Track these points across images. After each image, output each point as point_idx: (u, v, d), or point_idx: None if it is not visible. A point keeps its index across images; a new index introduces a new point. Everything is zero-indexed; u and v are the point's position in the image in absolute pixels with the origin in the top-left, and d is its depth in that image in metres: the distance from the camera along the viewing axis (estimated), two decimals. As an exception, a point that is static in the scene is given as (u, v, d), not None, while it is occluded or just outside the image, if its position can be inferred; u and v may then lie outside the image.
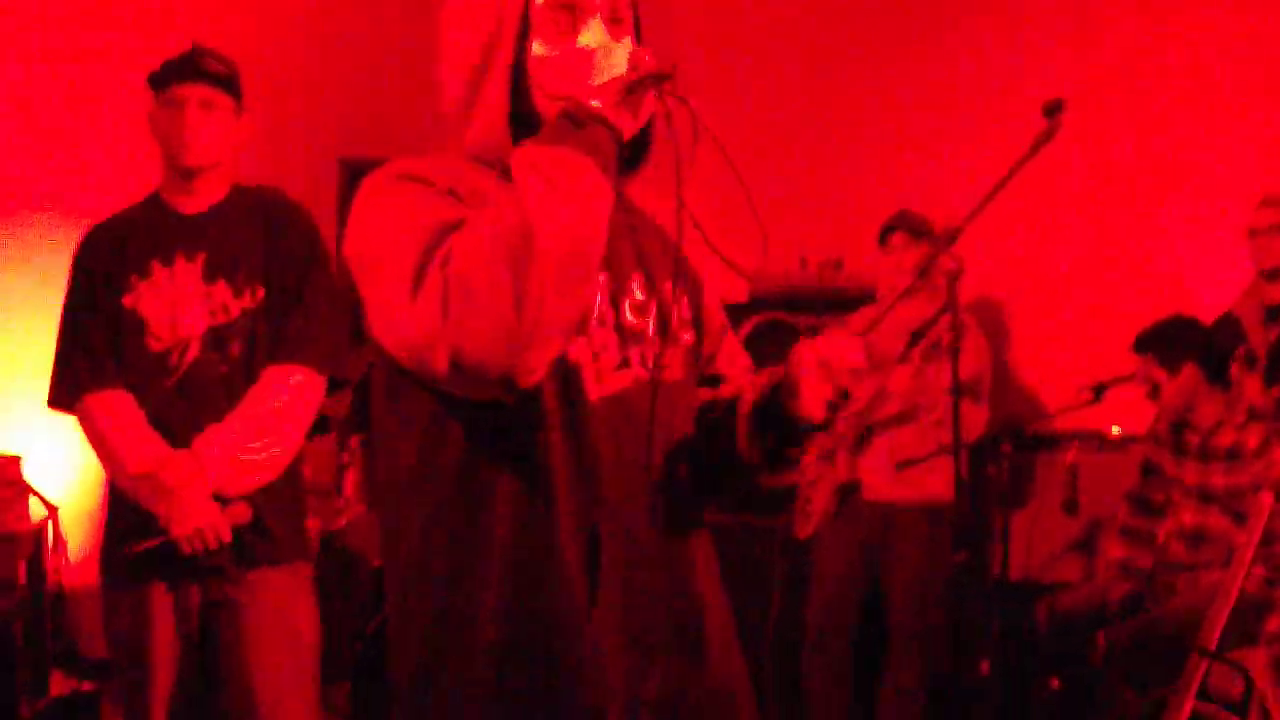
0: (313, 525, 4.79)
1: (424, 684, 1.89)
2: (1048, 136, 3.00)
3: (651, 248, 2.01)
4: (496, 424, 1.81)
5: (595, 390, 1.86)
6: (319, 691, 3.45)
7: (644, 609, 1.89)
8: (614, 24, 1.89)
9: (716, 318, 2.14)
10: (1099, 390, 4.41)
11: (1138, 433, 4.90)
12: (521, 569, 1.82)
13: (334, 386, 3.44)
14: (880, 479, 4.83)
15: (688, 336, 2.02)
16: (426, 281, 1.65)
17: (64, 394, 3.31)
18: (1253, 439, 4.17)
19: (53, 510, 4.51)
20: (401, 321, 1.69)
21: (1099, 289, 5.59)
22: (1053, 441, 5.13)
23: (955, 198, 3.43)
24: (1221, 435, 4.37)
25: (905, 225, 4.89)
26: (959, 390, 3.40)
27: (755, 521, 5.07)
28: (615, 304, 1.92)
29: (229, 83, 3.34)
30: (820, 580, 5.00)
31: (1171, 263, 5.39)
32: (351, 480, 4.97)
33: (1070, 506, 4.90)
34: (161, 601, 3.26)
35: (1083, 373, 4.59)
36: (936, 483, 4.70)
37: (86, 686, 4.78)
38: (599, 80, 1.77)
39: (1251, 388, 4.46)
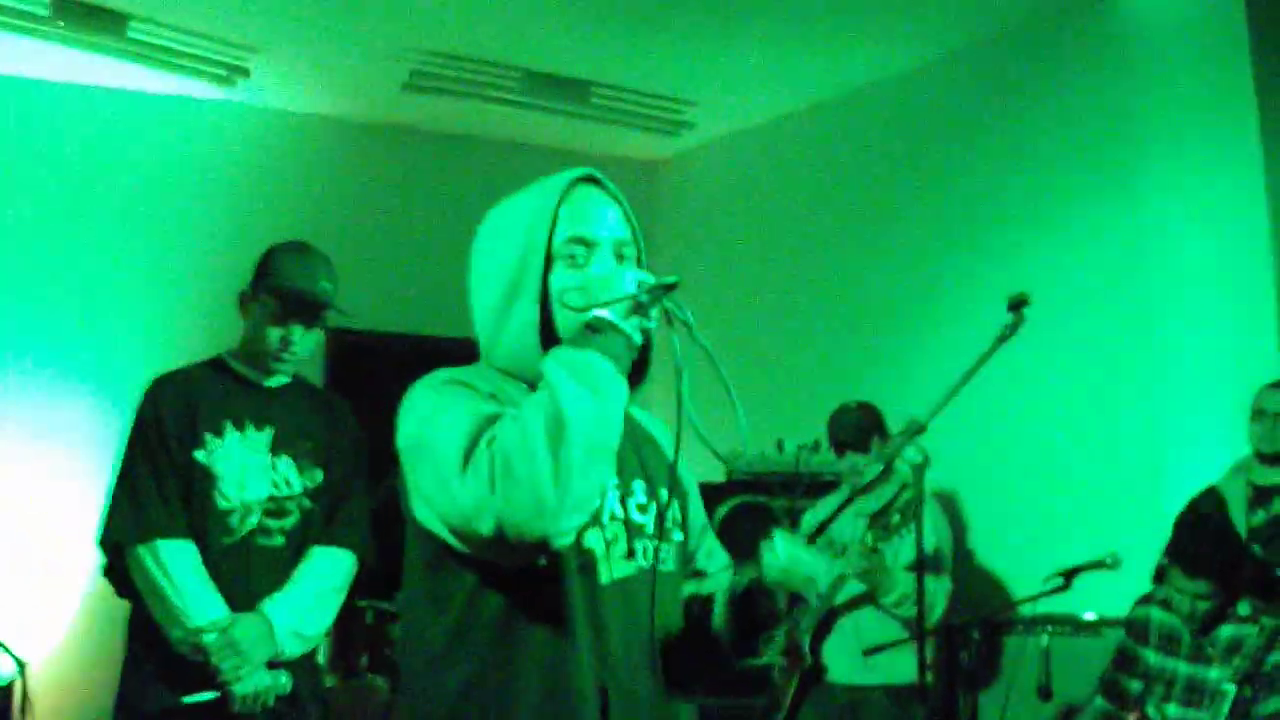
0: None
1: None
2: (1012, 329, 3.11)
3: (651, 457, 2.32)
4: (530, 595, 2.06)
5: (607, 574, 2.13)
6: None
7: None
8: (619, 259, 2.18)
9: (699, 519, 2.45)
10: (1069, 576, 4.42)
11: (1112, 616, 4.90)
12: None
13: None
14: (846, 662, 4.84)
15: (679, 535, 2.31)
16: (476, 459, 1.91)
17: (129, 534, 3.35)
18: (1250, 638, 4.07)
19: (22, 667, 4.49)
20: (453, 494, 1.93)
21: (1065, 471, 5.66)
22: (1025, 626, 5.14)
23: (929, 381, 3.52)
24: (1221, 626, 4.28)
25: (851, 442, 4.99)
26: (922, 575, 3.44)
27: (732, 703, 5.06)
28: (624, 504, 2.20)
29: (328, 314, 3.55)
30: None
31: (1142, 442, 5.45)
32: (324, 651, 4.95)
33: (1043, 692, 4.88)
34: None
35: (1056, 555, 4.61)
36: (904, 665, 4.67)
37: None
38: (612, 297, 2.04)
39: None
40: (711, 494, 5.80)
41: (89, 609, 5.60)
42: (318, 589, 3.44)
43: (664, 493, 2.25)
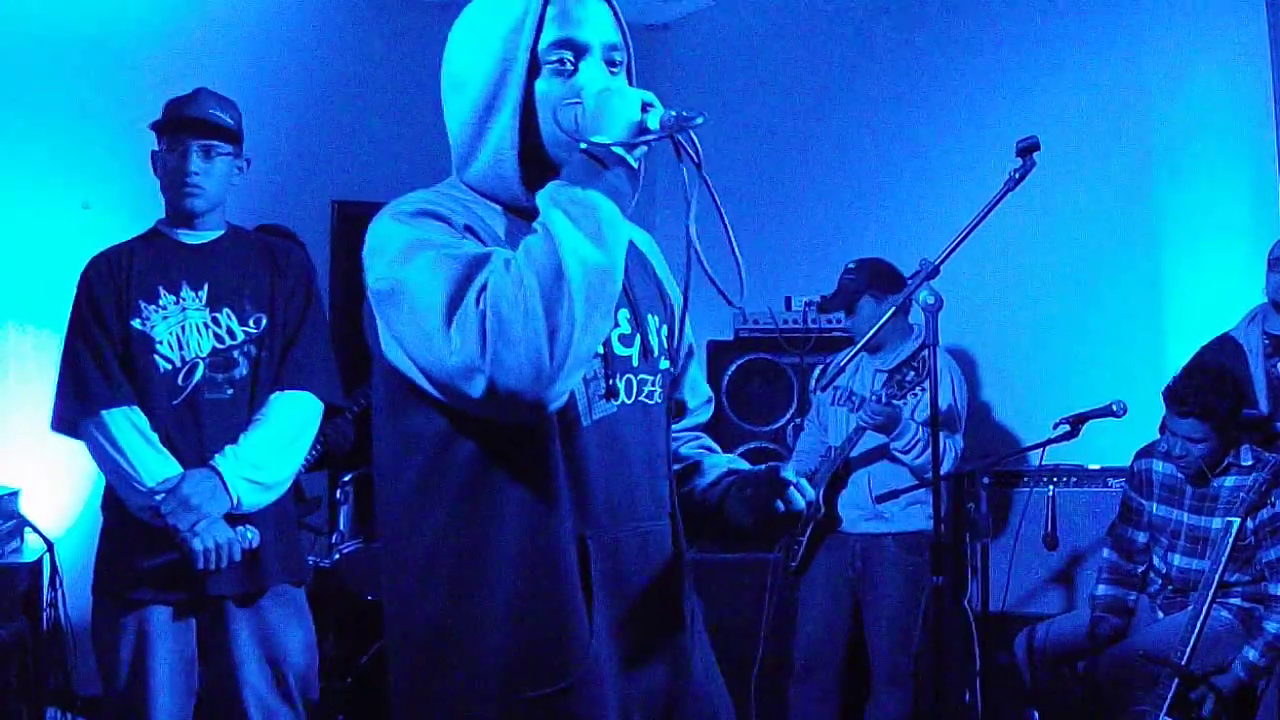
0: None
1: (426, 692, 1.97)
2: (1022, 174, 3.13)
3: (637, 280, 2.14)
4: (504, 443, 1.92)
5: (587, 415, 1.99)
6: (305, 709, 3.54)
7: (631, 620, 2.02)
8: (610, 65, 1.98)
9: (686, 341, 2.29)
10: (1076, 423, 4.46)
11: (1117, 466, 4.98)
12: (528, 577, 1.93)
13: (329, 414, 3.61)
14: (859, 512, 4.93)
15: (665, 364, 2.16)
16: (464, 315, 1.75)
17: (76, 412, 3.38)
18: (1255, 480, 4.12)
19: (50, 545, 4.56)
20: (438, 351, 1.78)
21: (1071, 322, 5.70)
22: (1031, 476, 5.21)
23: (937, 235, 3.54)
24: (1225, 478, 4.40)
25: (868, 289, 5.01)
26: (937, 421, 3.48)
27: (743, 555, 5.15)
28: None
29: (233, 131, 3.50)
30: (805, 614, 5.08)
31: (1146, 297, 5.48)
32: (345, 517, 5.02)
33: (1050, 540, 4.96)
34: (162, 624, 3.35)
35: (1059, 408, 4.65)
36: (914, 514, 4.82)
37: (82, 723, 4.81)
38: (617, 125, 1.85)
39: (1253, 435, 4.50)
40: (720, 352, 5.88)
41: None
42: (270, 434, 3.40)
43: (651, 319, 2.13)
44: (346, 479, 5.07)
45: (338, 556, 4.91)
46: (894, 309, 3.83)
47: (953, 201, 5.00)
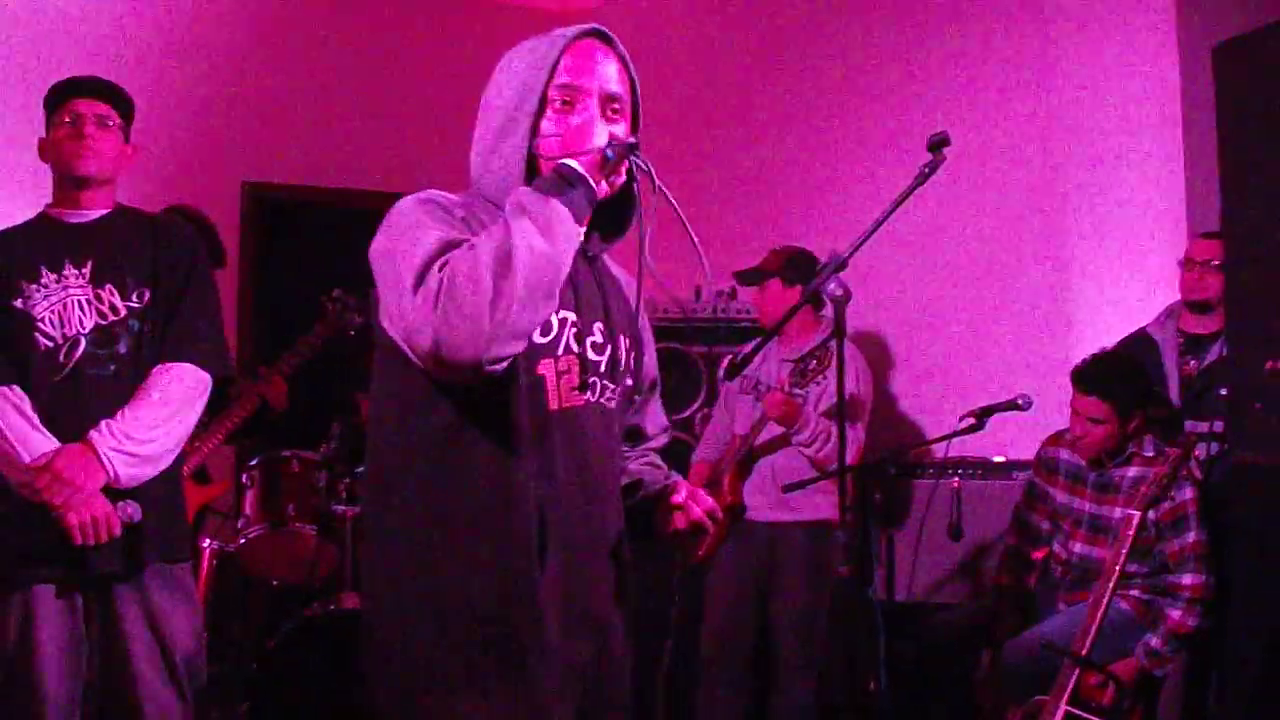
0: (212, 546, 4.84)
1: (403, 629, 2.26)
2: (932, 169, 3.16)
3: (616, 306, 2.47)
4: (478, 410, 2.23)
5: (555, 402, 2.31)
6: (193, 693, 3.50)
7: (576, 584, 2.31)
8: (610, 112, 2.33)
9: (650, 375, 2.65)
10: (982, 416, 4.52)
11: (1021, 459, 5.05)
12: (489, 529, 2.23)
13: (221, 385, 3.59)
14: (764, 501, 4.96)
15: (629, 381, 2.50)
16: (427, 279, 2.05)
17: None
18: (1155, 471, 4.14)
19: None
20: (403, 311, 2.07)
21: (980, 317, 5.77)
22: (936, 467, 5.27)
23: (846, 229, 3.57)
24: (1128, 468, 4.46)
25: (779, 272, 5.04)
26: (844, 412, 3.51)
27: (653, 544, 5.16)
28: (580, 341, 2.35)
29: (125, 104, 3.52)
30: (714, 603, 5.11)
31: (1053, 290, 5.56)
32: (251, 501, 4.97)
33: (954, 532, 5.02)
34: (47, 603, 3.32)
35: (966, 401, 4.70)
36: (820, 503, 4.85)
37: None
38: (582, 149, 2.22)
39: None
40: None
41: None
42: (149, 407, 3.36)
43: (623, 339, 2.44)
44: (253, 463, 5.03)
45: (243, 541, 4.87)
46: (801, 299, 3.89)
47: (867, 195, 5.05)
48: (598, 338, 2.39)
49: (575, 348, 2.33)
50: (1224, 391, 4.46)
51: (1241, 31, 3.47)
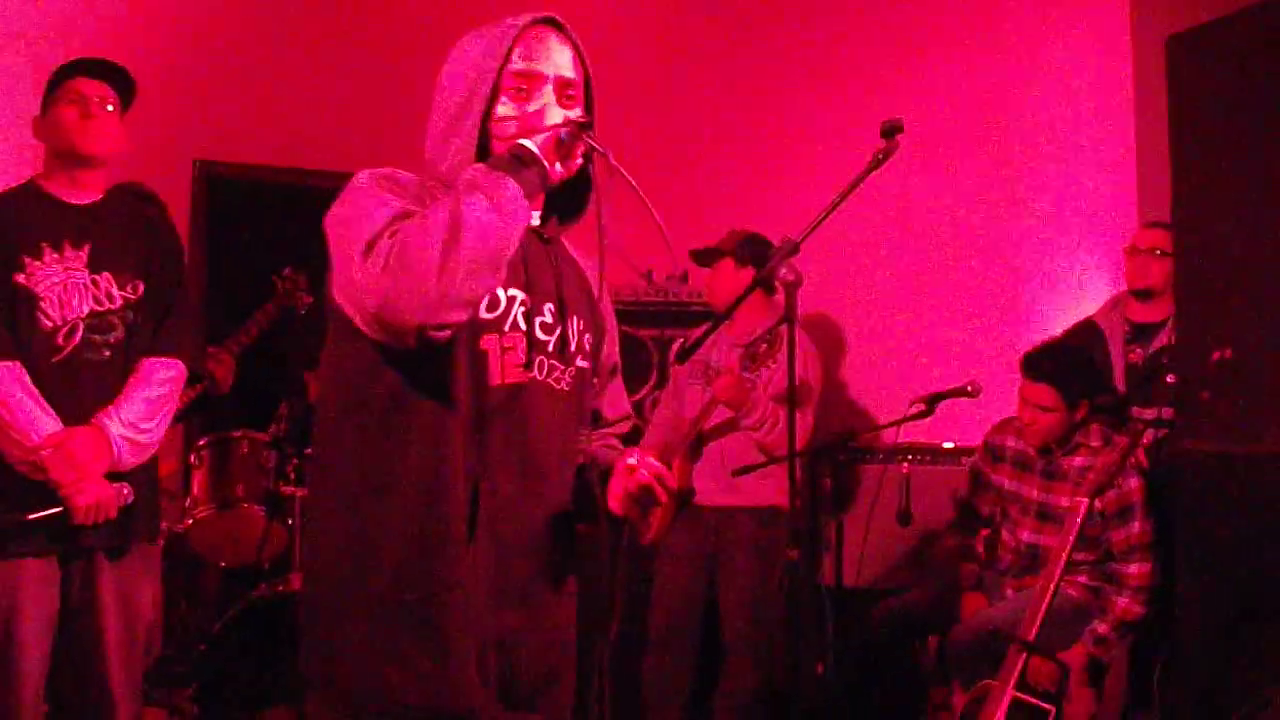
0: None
1: (332, 595, 2.31)
2: (885, 155, 3.17)
3: (571, 288, 2.49)
4: (419, 382, 2.27)
5: (497, 377, 2.32)
6: (143, 670, 3.65)
7: (506, 556, 2.34)
8: (565, 98, 2.37)
9: (609, 360, 2.64)
10: (932, 402, 4.55)
11: (970, 445, 5.08)
12: (421, 501, 2.26)
13: (191, 380, 3.77)
14: (713, 485, 4.96)
15: (583, 363, 2.49)
16: (378, 246, 2.10)
17: None
18: (1102, 460, 4.17)
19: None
20: (353, 274, 2.11)
21: (930, 304, 5.80)
22: (886, 453, 5.30)
23: (797, 214, 3.58)
24: (1075, 457, 4.50)
25: (732, 252, 5.05)
26: (794, 396, 3.52)
27: (599, 528, 5.15)
28: (529, 319, 2.37)
29: (128, 86, 3.62)
30: (661, 587, 5.11)
31: (1002, 279, 5.60)
32: (199, 481, 4.93)
33: (903, 518, 5.04)
34: (32, 576, 3.39)
35: (915, 387, 4.73)
36: (768, 488, 4.82)
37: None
38: (537, 130, 2.27)
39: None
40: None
41: None
42: (148, 397, 3.51)
43: (576, 321, 2.46)
44: (202, 443, 4.99)
45: (191, 521, 4.83)
46: (753, 283, 3.90)
47: (816, 178, 5.05)
48: (547, 318, 2.41)
49: (522, 325, 2.35)
50: (1171, 379, 4.51)
51: (1196, 24, 3.50)
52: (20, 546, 3.38)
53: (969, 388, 4.51)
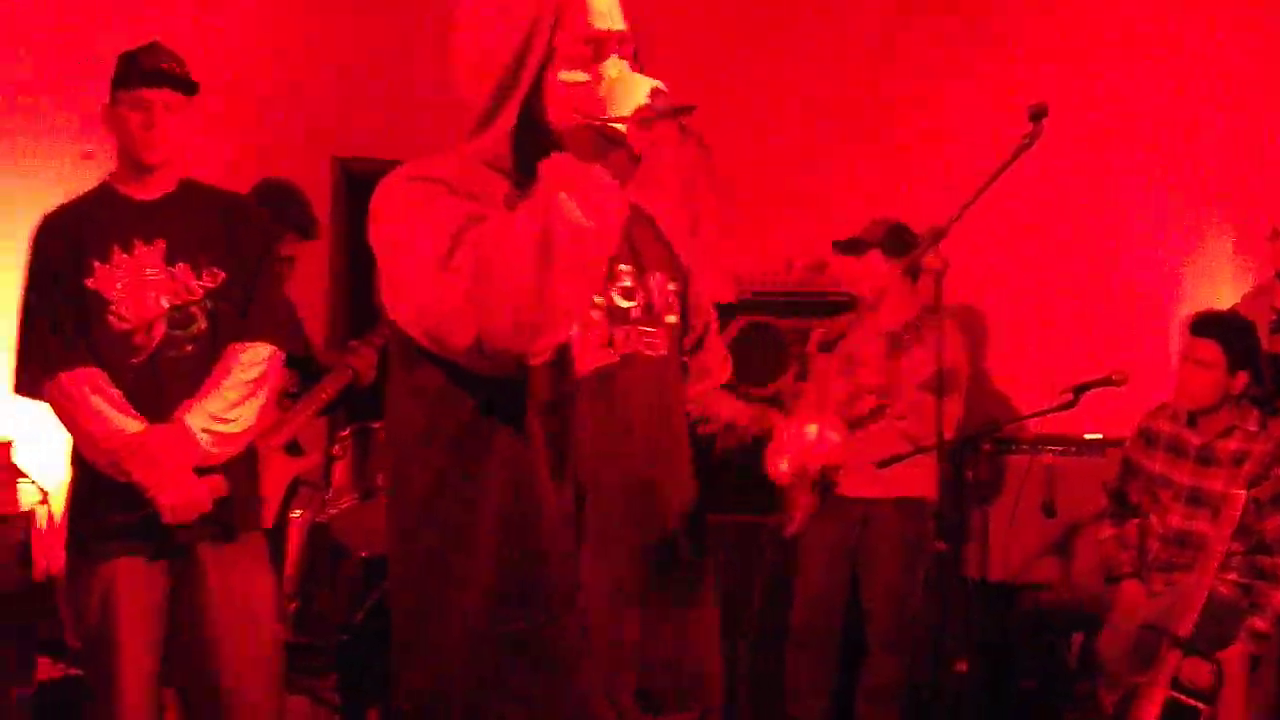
0: (303, 517, 4.87)
1: (423, 625, 2.09)
2: (1032, 140, 3.11)
3: (643, 238, 2.23)
4: (498, 396, 2.01)
5: (581, 364, 2.06)
6: (282, 663, 3.63)
7: (622, 560, 2.09)
8: (622, 54, 2.07)
9: (703, 308, 2.36)
10: (1078, 392, 4.45)
11: (1115, 436, 4.96)
12: (513, 522, 2.02)
13: (303, 362, 3.74)
14: (857, 476, 4.89)
15: (672, 318, 2.23)
16: (455, 261, 1.85)
17: (35, 375, 3.39)
18: (1259, 448, 4.12)
19: (45, 495, 4.54)
20: (429, 296, 1.89)
21: (1078, 293, 5.68)
22: (1030, 444, 5.20)
23: (940, 202, 3.53)
24: (1230, 441, 4.39)
25: (881, 242, 4.98)
26: (942, 385, 3.47)
27: (742, 519, 5.13)
28: (604, 288, 2.10)
29: (187, 85, 3.49)
30: (804, 579, 5.07)
31: (1151, 269, 5.48)
32: (341, 472, 4.99)
33: (1048, 509, 4.95)
34: (130, 576, 3.38)
35: (1060, 376, 4.63)
36: (913, 479, 4.73)
37: (73, 672, 4.80)
38: (625, 107, 1.95)
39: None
40: (719, 315, 5.84)
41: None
42: (231, 384, 3.42)
43: (657, 275, 2.22)
44: (344, 433, 5.04)
45: (333, 512, 4.89)
46: (901, 272, 3.84)
47: (958, 165, 4.98)
48: (626, 282, 2.16)
49: (600, 298, 2.09)
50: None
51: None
52: (113, 547, 3.37)
53: (1114, 377, 4.42)
